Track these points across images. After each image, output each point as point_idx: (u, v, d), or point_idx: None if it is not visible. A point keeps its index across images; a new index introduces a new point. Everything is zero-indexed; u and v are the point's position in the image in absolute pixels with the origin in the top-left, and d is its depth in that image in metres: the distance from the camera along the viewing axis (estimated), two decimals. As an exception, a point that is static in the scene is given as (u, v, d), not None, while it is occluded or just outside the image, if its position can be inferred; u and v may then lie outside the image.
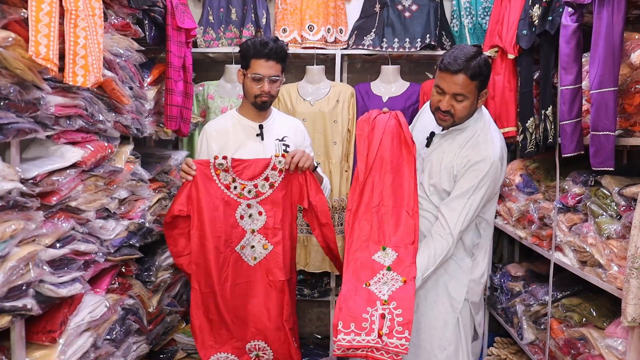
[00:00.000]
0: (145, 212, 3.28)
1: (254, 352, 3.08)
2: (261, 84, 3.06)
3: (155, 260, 3.58)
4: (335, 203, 4.45)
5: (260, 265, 3.05)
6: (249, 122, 3.18)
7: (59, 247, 2.44)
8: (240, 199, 3.00)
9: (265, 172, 3.00)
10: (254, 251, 3.04)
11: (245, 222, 3.02)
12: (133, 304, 3.17)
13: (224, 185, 2.98)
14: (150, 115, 3.48)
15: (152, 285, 3.49)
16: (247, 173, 3.00)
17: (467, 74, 2.67)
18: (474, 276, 2.98)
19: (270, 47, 3.01)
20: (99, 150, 2.71)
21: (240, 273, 3.03)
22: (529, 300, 3.69)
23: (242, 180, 2.99)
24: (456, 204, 2.79)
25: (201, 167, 2.96)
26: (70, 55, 2.31)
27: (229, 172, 2.96)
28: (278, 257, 3.04)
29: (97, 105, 2.74)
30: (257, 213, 3.02)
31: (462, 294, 2.95)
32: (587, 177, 3.09)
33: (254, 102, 3.11)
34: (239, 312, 3.05)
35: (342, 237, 4.45)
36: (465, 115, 2.80)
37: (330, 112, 4.37)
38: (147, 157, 3.55)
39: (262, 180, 3.01)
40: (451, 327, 2.94)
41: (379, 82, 4.56)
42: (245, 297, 3.05)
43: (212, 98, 4.46)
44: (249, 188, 3.00)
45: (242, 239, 3.03)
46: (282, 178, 3.02)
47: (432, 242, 2.80)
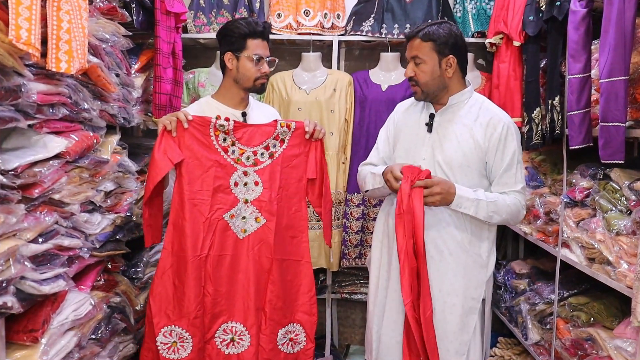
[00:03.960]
0: (132, 205, 3.26)
1: (229, 335, 3.00)
2: (260, 65, 3.04)
3: (143, 255, 3.57)
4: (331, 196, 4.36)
5: (249, 239, 2.99)
6: (230, 110, 3.12)
7: (41, 242, 2.42)
8: (237, 165, 2.96)
9: (267, 141, 2.98)
10: (245, 223, 2.99)
11: (240, 190, 2.98)
12: (119, 301, 3.16)
13: (221, 147, 2.93)
14: (137, 104, 3.47)
15: (140, 282, 3.48)
16: (248, 139, 2.97)
17: (419, 36, 2.85)
18: (489, 273, 2.98)
19: (263, 26, 3.03)
20: (84, 140, 2.69)
21: (226, 244, 2.97)
22: (534, 298, 3.70)
23: (241, 145, 2.96)
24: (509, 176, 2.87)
25: (199, 123, 2.90)
26: (53, 40, 2.29)
27: (229, 135, 2.92)
28: (269, 233, 2.99)
29: (82, 93, 2.72)
30: (253, 182, 2.98)
31: (481, 293, 2.94)
32: (595, 170, 3.10)
33: (251, 86, 3.07)
34: (221, 287, 2.98)
35: (338, 232, 4.50)
36: (427, 80, 2.87)
37: (327, 101, 4.37)
38: (134, 147, 3.53)
39: (262, 148, 2.98)
40: (470, 330, 2.93)
41: (378, 70, 4.54)
42: (230, 271, 2.98)
43: (203, 86, 4.45)
44: (248, 154, 2.97)
45: (233, 207, 2.97)
46: (282, 149, 3.00)
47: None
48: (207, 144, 2.91)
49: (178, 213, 2.91)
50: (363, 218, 4.49)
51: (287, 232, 3.07)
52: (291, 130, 3.00)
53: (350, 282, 4.82)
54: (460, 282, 2.90)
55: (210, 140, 2.91)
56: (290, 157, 3.02)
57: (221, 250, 2.97)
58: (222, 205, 2.96)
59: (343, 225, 4.51)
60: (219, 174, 2.94)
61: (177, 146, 2.86)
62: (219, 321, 2.99)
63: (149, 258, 3.62)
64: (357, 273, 4.80)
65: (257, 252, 3.00)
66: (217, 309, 2.97)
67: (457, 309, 2.90)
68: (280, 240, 3.03)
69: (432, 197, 2.71)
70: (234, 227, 2.98)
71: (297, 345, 3.11)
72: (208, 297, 2.95)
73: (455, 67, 2.89)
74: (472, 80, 3.90)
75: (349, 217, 4.48)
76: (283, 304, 3.04)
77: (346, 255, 4.53)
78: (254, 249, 3.00)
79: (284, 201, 3.03)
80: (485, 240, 2.94)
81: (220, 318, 2.99)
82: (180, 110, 2.91)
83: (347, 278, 4.83)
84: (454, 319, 2.90)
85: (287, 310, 3.06)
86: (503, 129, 2.85)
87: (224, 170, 2.95)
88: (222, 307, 2.98)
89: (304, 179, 3.05)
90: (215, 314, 2.98)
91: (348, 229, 4.50)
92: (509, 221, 2.91)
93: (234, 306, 2.99)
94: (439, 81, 2.89)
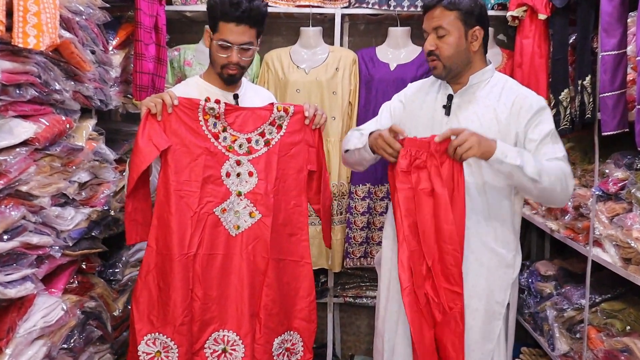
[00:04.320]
0: (110, 198, 3.27)
1: (221, 345, 2.97)
2: (229, 52, 2.98)
3: (122, 255, 3.57)
4: (334, 188, 4.45)
5: (242, 237, 2.97)
6: (219, 92, 3.11)
7: (6, 239, 2.42)
8: (229, 153, 2.94)
9: (262, 127, 2.96)
10: (238, 218, 2.96)
11: (232, 181, 2.95)
12: (95, 306, 3.16)
13: (211, 134, 2.90)
14: (116, 85, 3.47)
15: (118, 285, 3.47)
16: (241, 123, 2.95)
17: (442, 5, 2.83)
18: (516, 274, 2.97)
19: (242, 9, 2.91)
20: (55, 125, 2.69)
21: (218, 242, 2.95)
22: (561, 304, 3.70)
23: (233, 131, 2.94)
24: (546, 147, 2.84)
25: (186, 106, 2.87)
26: (19, 12, 2.29)
27: (219, 120, 2.90)
28: (265, 229, 2.97)
29: (53, 71, 2.72)
30: (247, 173, 2.96)
31: (506, 297, 2.94)
32: (631, 159, 3.09)
33: (219, 73, 3.04)
34: (211, 290, 2.95)
35: (341, 228, 4.53)
36: (452, 54, 2.86)
37: (329, 82, 4.38)
38: (112, 133, 3.51)
39: (257, 134, 2.96)
40: (494, 337, 2.92)
41: (386, 46, 4.55)
42: (221, 272, 2.95)
43: (190, 65, 4.46)
44: (241, 142, 2.95)
45: (224, 200, 2.95)
46: (280, 136, 2.99)
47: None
48: (195, 129, 2.89)
49: (163, 206, 2.88)
50: (369, 212, 4.50)
51: (285, 229, 3.05)
52: (289, 115, 2.98)
53: (355, 285, 4.83)
54: (483, 284, 2.89)
55: (199, 125, 2.89)
56: (289, 145, 3.00)
57: (211, 249, 2.94)
58: (212, 198, 2.94)
59: (346, 220, 4.52)
60: (208, 163, 2.91)
61: (162, 131, 2.83)
62: (209, 329, 2.95)
63: (128, 257, 3.63)
64: (362, 274, 4.81)
65: (251, 251, 2.97)
66: (208, 315, 2.94)
67: (479, 314, 2.90)
68: (277, 238, 3.01)
69: (467, 143, 2.60)
70: (225, 222, 2.96)
71: (294, 356, 3.09)
72: (197, 301, 2.91)
73: (481, 41, 2.89)
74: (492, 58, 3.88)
75: (353, 212, 4.49)
76: (279, 310, 3.02)
77: (350, 255, 4.54)
78: (247, 247, 2.97)
79: (281, 194, 3.01)
80: (510, 236, 2.93)
81: (210, 326, 2.95)
82: (166, 91, 2.90)
83: (351, 280, 4.84)
84: (477, 325, 2.89)
85: (283, 316, 3.04)
86: (532, 107, 2.84)
87: (215, 159, 2.92)
88: (213, 314, 2.95)
89: (304, 170, 3.04)
90: (205, 321, 2.94)
91: (352, 225, 4.50)
92: (557, 190, 2.78)
93: (226, 312, 2.96)
94: (464, 55, 2.88)
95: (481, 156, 2.64)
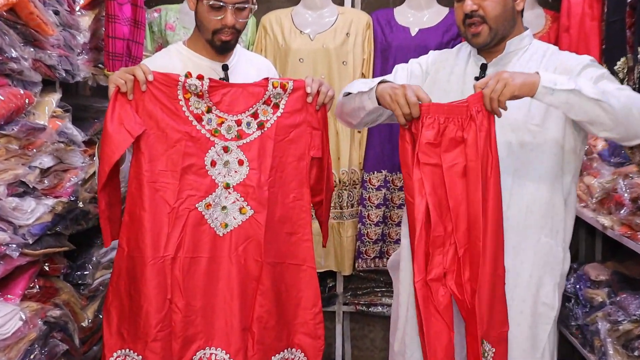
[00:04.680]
0: (77, 187, 3.26)
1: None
2: (222, 14, 2.95)
3: (92, 254, 3.57)
4: (343, 176, 4.48)
5: (231, 237, 2.94)
6: (207, 62, 3.09)
7: (-48, 236, 2.42)
8: (215, 138, 2.91)
9: (255, 106, 2.93)
10: (226, 215, 2.93)
11: (218, 171, 2.93)
12: (60, 315, 3.15)
13: (193, 115, 2.88)
14: (84, 52, 3.46)
15: (88, 290, 3.48)
16: (230, 103, 2.92)
17: None
18: (565, 272, 2.97)
19: None
20: (11, 99, 2.67)
21: (201, 243, 2.93)
22: (616, 315, 3.66)
23: (220, 112, 2.91)
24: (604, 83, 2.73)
25: (163, 82, 2.84)
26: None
27: (203, 99, 2.88)
28: (258, 228, 2.94)
29: (8, 36, 2.70)
30: (236, 161, 2.93)
31: (557, 299, 2.91)
32: (701, 141, 3.04)
33: (210, 40, 3.02)
34: (194, 300, 2.92)
35: (352, 224, 4.53)
36: (499, 13, 2.84)
37: (338, 50, 4.38)
38: (80, 110, 3.51)
39: (248, 116, 2.93)
40: (540, 346, 2.90)
41: (406, 7, 4.55)
42: (206, 279, 2.93)
43: (172, 29, 4.47)
44: (229, 124, 2.92)
45: (209, 194, 2.92)
46: (276, 118, 2.95)
47: None
48: (174, 110, 2.87)
49: (135, 200, 2.88)
50: (385, 205, 4.50)
51: (283, 228, 3.02)
52: (287, 92, 2.95)
53: (369, 290, 4.84)
54: (527, 284, 2.87)
55: (179, 105, 2.87)
56: (287, 128, 2.98)
57: (194, 252, 2.92)
58: (194, 191, 2.92)
59: (359, 214, 4.52)
60: (190, 150, 2.90)
61: (135, 113, 2.83)
62: (193, 347, 2.93)
63: (100, 258, 3.64)
64: (377, 278, 4.81)
65: (242, 254, 2.95)
66: (191, 330, 2.91)
67: (525, 317, 2.87)
68: (273, 238, 2.98)
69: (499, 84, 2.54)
70: (211, 220, 2.93)
71: None
72: (177, 314, 2.89)
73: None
74: (533, 21, 3.88)
75: (367, 204, 4.48)
76: (277, 323, 2.99)
77: (363, 255, 4.55)
78: (237, 249, 2.94)
79: (278, 186, 2.99)
80: (561, 224, 2.91)
81: (195, 343, 2.93)
82: (139, 65, 2.87)
83: (363, 284, 4.85)
84: (522, 332, 2.86)
85: (282, 330, 3.01)
86: (578, 66, 2.81)
87: (197, 145, 2.91)
88: (197, 328, 2.92)
89: (306, 158, 3.02)
90: (189, 337, 2.92)
91: (365, 220, 4.50)
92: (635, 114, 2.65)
93: (213, 327, 2.94)
94: (510, 15, 2.85)
95: (523, 92, 2.55)
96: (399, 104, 2.66)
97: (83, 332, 3.38)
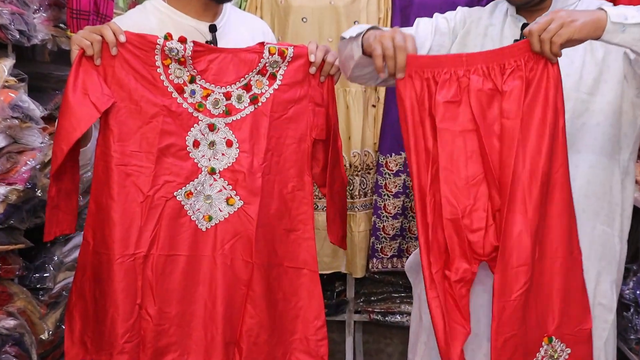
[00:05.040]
0: (35, 172, 3.26)
1: None
2: None
3: (54, 253, 3.61)
4: (355, 159, 4.47)
5: (216, 232, 2.91)
6: (190, 21, 3.05)
7: None
8: (199, 113, 2.88)
9: (248, 76, 2.90)
10: (210, 206, 2.91)
11: (202, 153, 2.91)
12: (14, 326, 3.17)
13: (173, 86, 2.84)
14: (43, 10, 3.49)
15: (48, 296, 3.51)
16: (217, 72, 2.90)
17: None
18: (622, 267, 2.98)
19: None
20: None
21: (180, 239, 2.89)
22: (686, 327, 3.68)
23: (205, 83, 2.87)
24: None
25: (138, 45, 2.81)
26: None
27: (185, 66, 2.84)
28: (249, 222, 2.91)
29: None
30: (223, 142, 2.91)
31: (614, 299, 2.94)
32: None
33: None
34: (169, 307, 2.88)
35: (366, 216, 4.53)
36: None
37: (348, 8, 4.39)
38: (39, 79, 3.56)
39: (239, 88, 2.90)
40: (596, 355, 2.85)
41: None
42: (184, 281, 2.90)
43: None
44: (216, 97, 2.89)
45: (191, 180, 2.90)
46: (273, 90, 2.93)
47: None
48: (150, 79, 2.83)
49: (102, 187, 2.84)
50: (405, 193, 4.50)
51: (280, 223, 3.01)
52: (287, 60, 2.92)
53: (385, 296, 4.85)
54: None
55: (156, 73, 2.83)
56: (285, 104, 2.97)
57: (170, 249, 2.89)
58: (173, 176, 2.89)
59: (373, 204, 4.51)
60: (168, 128, 2.86)
61: (103, 82, 2.78)
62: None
63: (62, 257, 3.67)
64: (395, 281, 4.82)
65: (228, 253, 2.92)
66: (163, 340, 2.88)
67: None
68: (267, 236, 2.96)
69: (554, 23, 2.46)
70: (192, 211, 2.91)
71: None
72: (148, 321, 2.85)
73: None
74: None
75: (383, 192, 4.48)
76: (270, 338, 2.97)
77: (378, 253, 4.54)
78: (223, 247, 2.92)
79: (274, 173, 2.98)
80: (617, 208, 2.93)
81: (167, 356, 2.90)
82: (108, 23, 2.83)
83: (379, 289, 4.86)
84: None
85: (276, 347, 2.99)
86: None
87: (178, 122, 2.88)
88: (172, 339, 2.89)
89: (308, 139, 3.01)
90: (160, 349, 2.88)
91: (381, 211, 4.50)
92: None
93: (190, 337, 2.91)
94: None
95: (585, 34, 2.48)
96: (383, 45, 2.60)
97: (42, 346, 3.38)
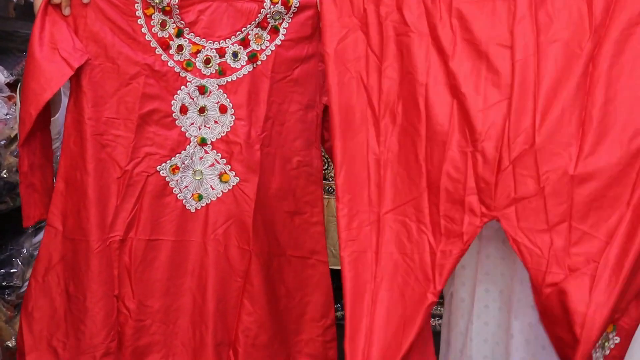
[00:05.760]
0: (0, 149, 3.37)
1: None
2: None
3: (22, 244, 3.69)
4: None
5: (207, 213, 2.79)
6: None
7: None
8: (188, 73, 2.75)
9: (245, 30, 2.76)
10: (201, 183, 2.79)
11: (191, 120, 2.78)
12: None
13: (157, 40, 2.72)
14: None
15: (15, 295, 3.58)
16: (209, 24, 2.76)
17: None
18: None
19: None
20: None
21: (164, 221, 2.77)
22: None
23: (195, 37, 2.75)
24: None
25: None
26: None
27: (171, 17, 2.70)
28: (246, 203, 2.78)
29: None
30: (216, 107, 2.78)
31: None
32: None
33: None
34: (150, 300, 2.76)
35: None
36: None
37: None
38: (2, 39, 3.75)
39: (235, 43, 2.77)
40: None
41: None
42: (170, 271, 2.77)
43: None
44: (208, 54, 2.76)
45: (177, 152, 2.78)
46: (275, 47, 2.78)
47: None
48: (130, 32, 2.71)
49: (74, 160, 2.71)
50: None
51: (282, 204, 2.89)
52: (292, 11, 2.78)
53: None
54: None
55: (137, 25, 2.71)
56: (290, 63, 2.84)
57: (152, 232, 2.76)
58: (155, 148, 2.76)
59: None
60: (151, 90, 2.73)
61: (74, 35, 2.65)
62: None
63: (32, 249, 3.71)
64: None
65: (222, 239, 2.79)
66: (144, 339, 2.76)
67: None
68: (267, 219, 2.84)
69: None
70: (178, 189, 2.79)
71: None
72: (126, 316, 2.74)
73: None
74: None
75: None
76: (271, 339, 2.83)
77: None
78: (216, 231, 2.79)
79: (275, 145, 2.86)
80: None
81: (148, 356, 2.78)
82: None
83: None
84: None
85: (279, 350, 2.87)
86: None
87: (162, 83, 2.75)
88: (154, 338, 2.77)
89: (317, 106, 2.89)
90: (140, 348, 2.77)
91: None
92: None
93: (176, 336, 2.80)
94: None
95: None
96: None
97: (9, 354, 3.44)
